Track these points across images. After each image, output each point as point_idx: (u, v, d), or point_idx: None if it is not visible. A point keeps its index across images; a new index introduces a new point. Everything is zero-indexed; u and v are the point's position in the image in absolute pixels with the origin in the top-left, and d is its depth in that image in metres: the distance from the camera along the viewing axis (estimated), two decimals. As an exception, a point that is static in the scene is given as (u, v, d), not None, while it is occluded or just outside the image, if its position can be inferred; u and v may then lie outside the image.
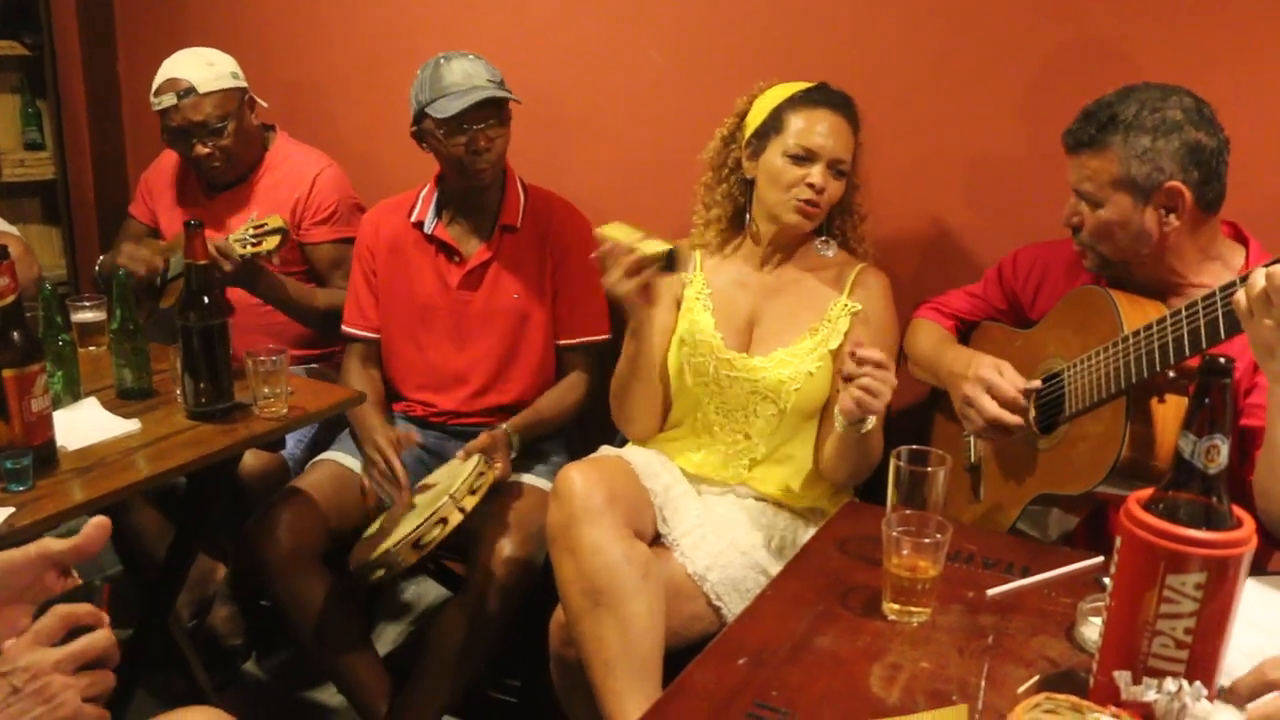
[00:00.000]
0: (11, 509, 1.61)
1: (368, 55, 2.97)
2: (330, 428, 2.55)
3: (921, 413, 2.20)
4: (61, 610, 1.03)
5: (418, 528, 2.03)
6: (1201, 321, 1.47)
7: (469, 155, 2.27)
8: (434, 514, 2.02)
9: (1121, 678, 1.08)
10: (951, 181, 2.29)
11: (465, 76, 2.24)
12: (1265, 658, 1.09)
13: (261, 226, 2.30)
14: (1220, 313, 1.45)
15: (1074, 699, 1.09)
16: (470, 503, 2.06)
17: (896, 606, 1.39)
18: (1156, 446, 1.61)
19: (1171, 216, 1.66)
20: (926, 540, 1.37)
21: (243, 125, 2.64)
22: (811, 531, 1.84)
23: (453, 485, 2.06)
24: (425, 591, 3.01)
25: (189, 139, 2.59)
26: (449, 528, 2.03)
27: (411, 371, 2.48)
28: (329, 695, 2.55)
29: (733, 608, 1.85)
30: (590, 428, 2.43)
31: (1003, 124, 2.20)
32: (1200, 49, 2.00)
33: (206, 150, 2.60)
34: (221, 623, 2.71)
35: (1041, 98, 2.14)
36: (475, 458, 2.14)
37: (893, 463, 1.46)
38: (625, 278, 1.80)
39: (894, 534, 1.37)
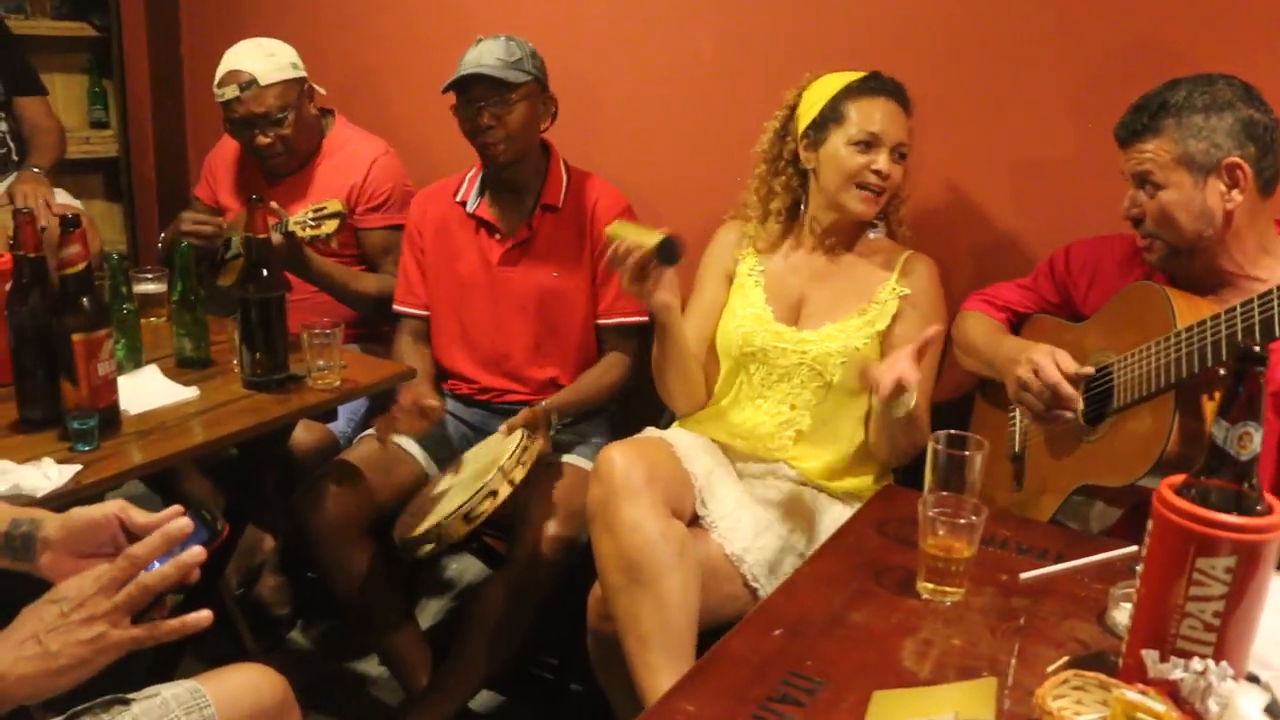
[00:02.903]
0: (78, 466, 1.68)
1: (421, 38, 3.01)
2: (379, 406, 2.60)
3: (965, 401, 2.21)
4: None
5: (468, 500, 2.06)
6: (1257, 319, 1.47)
7: (475, 131, 2.33)
8: (483, 487, 2.05)
9: (1149, 656, 1.10)
10: (999, 174, 2.29)
11: (475, 56, 2.30)
12: None
13: (321, 210, 2.36)
14: (1276, 310, 1.45)
15: (1102, 676, 1.11)
16: (519, 475, 2.08)
17: (931, 586, 1.42)
18: (1204, 442, 1.62)
19: (1234, 192, 1.65)
20: (962, 522, 1.40)
21: (302, 115, 2.70)
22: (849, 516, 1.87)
23: (500, 459, 2.10)
24: (467, 568, 3.06)
25: (251, 130, 2.65)
26: (499, 500, 2.05)
27: (456, 350, 2.52)
28: (371, 666, 2.61)
29: (768, 589, 1.86)
30: (634, 410, 2.46)
31: (1054, 120, 2.20)
32: (1248, 51, 1.99)
33: (268, 140, 2.66)
34: (269, 592, 2.78)
35: (1092, 94, 2.13)
36: (519, 432, 2.17)
37: (930, 446, 1.49)
38: (633, 281, 1.89)
39: (930, 514, 1.40)
